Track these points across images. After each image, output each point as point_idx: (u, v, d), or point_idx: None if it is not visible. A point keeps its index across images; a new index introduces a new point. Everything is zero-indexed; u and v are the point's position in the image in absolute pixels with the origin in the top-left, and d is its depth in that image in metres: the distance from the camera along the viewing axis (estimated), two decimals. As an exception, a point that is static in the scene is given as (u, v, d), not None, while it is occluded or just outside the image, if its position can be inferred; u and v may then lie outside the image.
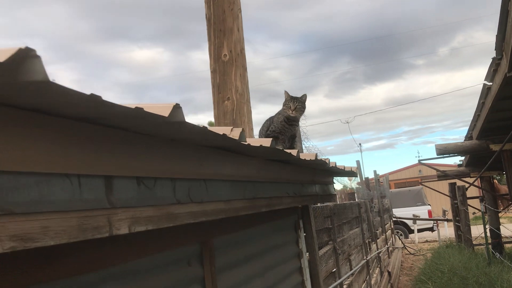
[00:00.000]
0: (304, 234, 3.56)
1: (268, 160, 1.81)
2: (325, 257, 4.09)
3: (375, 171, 11.60)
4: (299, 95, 3.33)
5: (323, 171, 2.80)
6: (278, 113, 3.40)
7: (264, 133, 3.49)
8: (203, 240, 1.81)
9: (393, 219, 16.65)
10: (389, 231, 13.52)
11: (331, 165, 2.54)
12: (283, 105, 3.33)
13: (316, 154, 2.24)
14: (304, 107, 3.31)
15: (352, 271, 5.25)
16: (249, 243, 2.28)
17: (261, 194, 1.75)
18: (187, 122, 0.99)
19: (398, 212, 17.76)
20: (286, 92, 3.38)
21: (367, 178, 10.73)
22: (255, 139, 2.04)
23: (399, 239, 16.38)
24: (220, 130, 1.27)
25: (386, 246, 11.07)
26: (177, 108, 0.93)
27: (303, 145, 4.42)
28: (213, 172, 1.41)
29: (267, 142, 1.67)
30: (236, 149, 1.46)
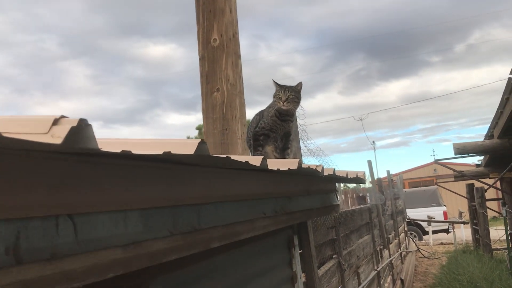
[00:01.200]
0: (301, 251, 2.97)
1: (225, 168, 1.23)
2: (327, 276, 3.49)
3: (388, 171, 10.95)
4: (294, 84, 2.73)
5: (320, 178, 2.21)
6: (269, 107, 2.81)
7: (252, 130, 2.90)
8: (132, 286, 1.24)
9: (408, 219, 15.94)
10: (403, 234, 12.85)
11: (327, 173, 1.93)
12: (274, 97, 2.74)
13: (299, 160, 1.64)
14: (299, 98, 2.71)
15: (361, 287, 4.64)
16: (215, 276, 1.70)
17: (210, 222, 1.17)
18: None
19: (412, 213, 17.03)
20: (274, 82, 2.78)
21: (379, 179, 10.06)
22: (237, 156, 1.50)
23: (413, 241, 15.67)
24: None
25: (399, 251, 10.42)
26: (202, 144, 0.95)
27: (302, 144, 3.82)
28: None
29: (255, 160, 1.15)
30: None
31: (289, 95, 2.63)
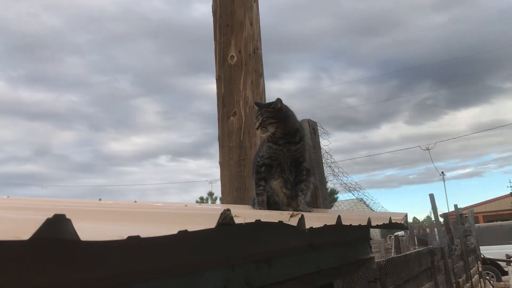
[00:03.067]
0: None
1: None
2: None
3: (456, 206, 9.78)
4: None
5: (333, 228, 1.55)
6: None
7: (255, 161, 2.31)
8: None
9: (482, 257, 14.31)
10: (476, 276, 11.43)
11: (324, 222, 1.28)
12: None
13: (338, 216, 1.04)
14: (280, 117, 2.11)
15: None
16: None
17: None
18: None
19: (487, 250, 15.33)
20: (256, 104, 2.26)
21: (445, 215, 8.95)
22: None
23: (490, 283, 13.99)
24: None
25: (472, 296, 9.14)
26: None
27: (335, 181, 3.15)
28: None
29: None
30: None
31: (262, 120, 2.07)
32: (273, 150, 2.12)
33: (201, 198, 23.99)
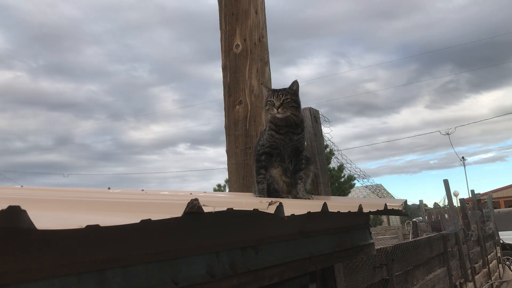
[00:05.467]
0: (327, 302, 2.33)
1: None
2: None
3: (473, 191, 9.67)
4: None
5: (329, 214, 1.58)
6: (267, 119, 2.24)
7: (256, 150, 2.35)
8: None
9: (501, 243, 14.14)
10: (494, 261, 11.32)
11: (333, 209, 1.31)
12: (265, 105, 2.17)
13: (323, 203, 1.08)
14: (298, 102, 2.13)
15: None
16: None
17: None
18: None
19: (507, 235, 15.11)
20: (265, 86, 2.23)
21: (462, 200, 8.86)
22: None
23: (510, 268, 13.84)
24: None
25: (490, 281, 9.09)
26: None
27: (346, 169, 3.16)
28: None
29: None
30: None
31: (284, 99, 2.05)
32: (275, 139, 2.15)
33: (219, 186, 24.17)
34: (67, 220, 0.65)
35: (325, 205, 1.33)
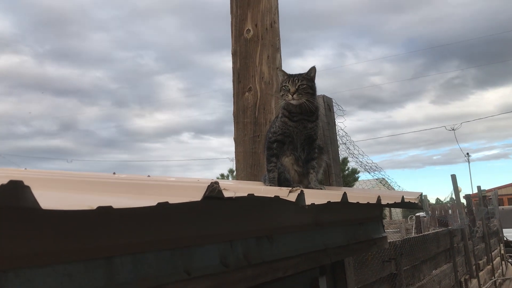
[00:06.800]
0: (336, 295, 2.27)
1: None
2: (379, 324, 2.73)
3: (479, 187, 9.58)
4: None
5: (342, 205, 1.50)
6: (279, 106, 2.17)
7: (267, 138, 2.27)
8: None
9: (505, 240, 14.06)
10: (498, 259, 11.26)
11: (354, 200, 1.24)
12: (280, 90, 2.09)
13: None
14: (314, 88, 2.04)
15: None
16: None
17: None
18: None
19: (511, 233, 15.02)
20: (280, 71, 2.15)
21: (468, 196, 8.77)
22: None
23: (512, 266, 13.78)
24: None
25: (493, 279, 9.03)
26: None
27: (354, 159, 3.08)
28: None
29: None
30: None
31: (300, 85, 1.97)
32: (288, 126, 2.07)
33: (222, 175, 24.14)
34: (76, 200, 0.58)
35: (345, 195, 1.25)
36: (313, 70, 2.09)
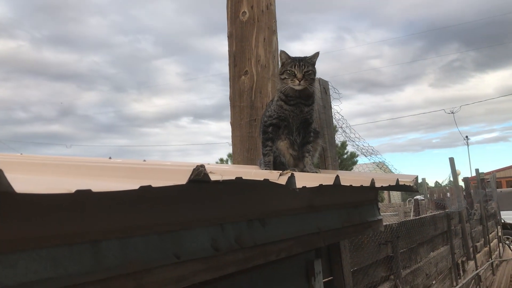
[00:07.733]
0: (331, 277, 2.28)
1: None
2: (375, 306, 2.75)
3: (477, 170, 9.60)
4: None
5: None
6: (276, 89, 2.15)
7: (263, 120, 2.26)
8: None
9: (502, 222, 14.14)
10: (495, 241, 11.34)
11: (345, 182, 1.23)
12: (281, 74, 2.07)
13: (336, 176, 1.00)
14: (315, 73, 2.03)
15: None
16: None
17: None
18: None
19: (508, 215, 15.11)
20: (283, 52, 2.11)
21: (466, 179, 8.79)
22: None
23: (509, 248, 13.89)
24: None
25: (490, 260, 9.10)
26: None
27: (351, 146, 3.07)
28: None
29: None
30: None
31: (306, 71, 1.96)
32: (283, 110, 2.05)
33: (221, 160, 24.17)
34: (55, 184, 0.57)
35: (337, 178, 1.24)
36: (316, 55, 2.08)
